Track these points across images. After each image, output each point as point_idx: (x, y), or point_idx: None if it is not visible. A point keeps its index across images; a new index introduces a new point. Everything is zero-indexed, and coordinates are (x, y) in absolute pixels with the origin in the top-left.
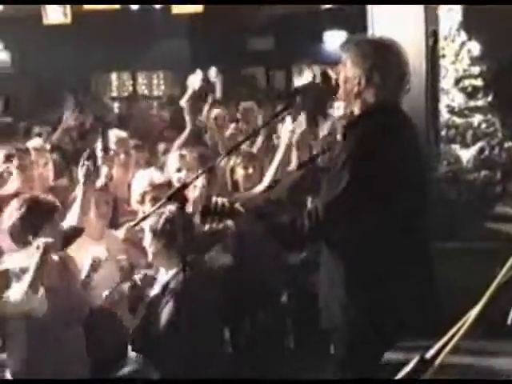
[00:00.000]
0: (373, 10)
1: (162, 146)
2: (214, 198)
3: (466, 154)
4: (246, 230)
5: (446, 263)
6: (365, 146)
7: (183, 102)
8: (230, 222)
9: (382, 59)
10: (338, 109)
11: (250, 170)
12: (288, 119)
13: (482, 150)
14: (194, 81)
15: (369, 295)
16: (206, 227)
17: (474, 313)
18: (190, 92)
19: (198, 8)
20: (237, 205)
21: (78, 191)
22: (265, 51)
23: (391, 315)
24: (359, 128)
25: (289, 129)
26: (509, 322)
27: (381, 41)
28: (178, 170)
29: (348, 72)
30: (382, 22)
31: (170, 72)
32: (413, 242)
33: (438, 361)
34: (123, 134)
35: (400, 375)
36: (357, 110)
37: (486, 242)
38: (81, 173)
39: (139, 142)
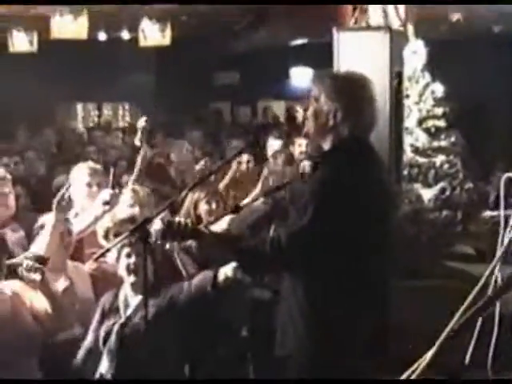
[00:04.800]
0: (339, 49)
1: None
2: (177, 218)
3: (428, 194)
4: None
5: (407, 301)
6: (335, 180)
7: (137, 141)
8: (191, 242)
9: (358, 93)
10: (299, 146)
11: (214, 205)
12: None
13: (443, 190)
14: (142, 124)
15: (323, 330)
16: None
17: (428, 355)
18: (139, 133)
19: (165, 41)
20: (200, 226)
21: (48, 220)
22: (231, 86)
23: (344, 353)
24: (330, 162)
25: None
26: (466, 361)
27: (355, 76)
28: (131, 206)
29: (322, 106)
30: (347, 62)
31: (136, 104)
32: (371, 280)
33: None
34: (98, 166)
35: None
36: (327, 145)
37: (446, 281)
38: (56, 202)
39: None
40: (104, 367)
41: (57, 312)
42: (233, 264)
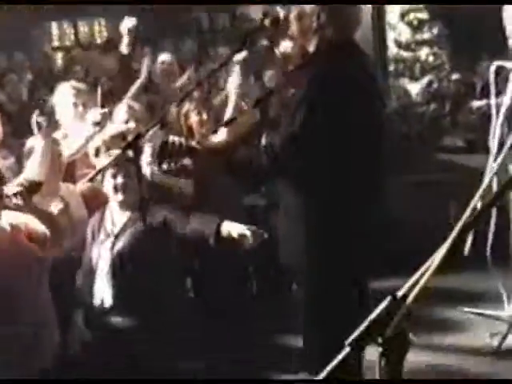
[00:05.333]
0: None
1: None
2: (170, 137)
3: (415, 88)
4: (204, 170)
5: (400, 196)
6: (322, 81)
7: (124, 48)
8: (187, 161)
9: None
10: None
11: (204, 116)
12: (236, 69)
13: (430, 83)
14: (128, 25)
15: (326, 232)
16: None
17: (443, 249)
18: (126, 38)
19: None
20: (193, 143)
21: (37, 143)
22: None
23: (349, 252)
24: (317, 65)
25: (235, 81)
26: (466, 253)
27: None
28: (126, 122)
29: (305, 8)
30: None
31: (111, 18)
32: (368, 178)
33: (409, 299)
34: (81, 85)
35: (373, 315)
36: (311, 48)
37: (438, 174)
38: (35, 123)
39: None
40: (101, 288)
41: (54, 232)
42: (241, 226)
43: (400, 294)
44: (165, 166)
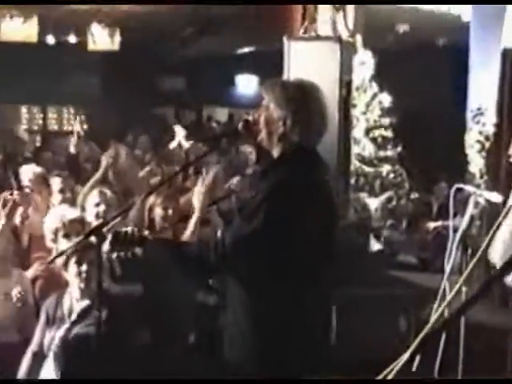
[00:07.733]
0: (289, 58)
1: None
2: (123, 228)
3: (374, 203)
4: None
5: (353, 309)
6: (283, 188)
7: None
8: (138, 250)
9: (307, 101)
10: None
11: (170, 212)
12: (200, 180)
13: (389, 200)
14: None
15: (269, 334)
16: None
17: (402, 360)
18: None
19: (114, 46)
20: (145, 233)
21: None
22: (176, 91)
23: (289, 356)
24: (279, 170)
25: (202, 190)
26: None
27: (305, 83)
28: (97, 205)
29: (272, 113)
30: (297, 71)
31: (81, 108)
32: (316, 288)
33: None
34: (39, 169)
35: None
36: (276, 153)
37: (390, 289)
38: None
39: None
40: (48, 371)
41: None
42: None
43: None
44: (114, 255)
